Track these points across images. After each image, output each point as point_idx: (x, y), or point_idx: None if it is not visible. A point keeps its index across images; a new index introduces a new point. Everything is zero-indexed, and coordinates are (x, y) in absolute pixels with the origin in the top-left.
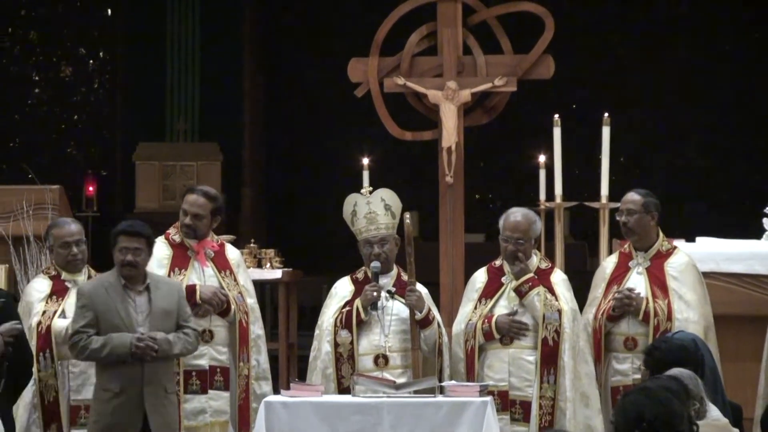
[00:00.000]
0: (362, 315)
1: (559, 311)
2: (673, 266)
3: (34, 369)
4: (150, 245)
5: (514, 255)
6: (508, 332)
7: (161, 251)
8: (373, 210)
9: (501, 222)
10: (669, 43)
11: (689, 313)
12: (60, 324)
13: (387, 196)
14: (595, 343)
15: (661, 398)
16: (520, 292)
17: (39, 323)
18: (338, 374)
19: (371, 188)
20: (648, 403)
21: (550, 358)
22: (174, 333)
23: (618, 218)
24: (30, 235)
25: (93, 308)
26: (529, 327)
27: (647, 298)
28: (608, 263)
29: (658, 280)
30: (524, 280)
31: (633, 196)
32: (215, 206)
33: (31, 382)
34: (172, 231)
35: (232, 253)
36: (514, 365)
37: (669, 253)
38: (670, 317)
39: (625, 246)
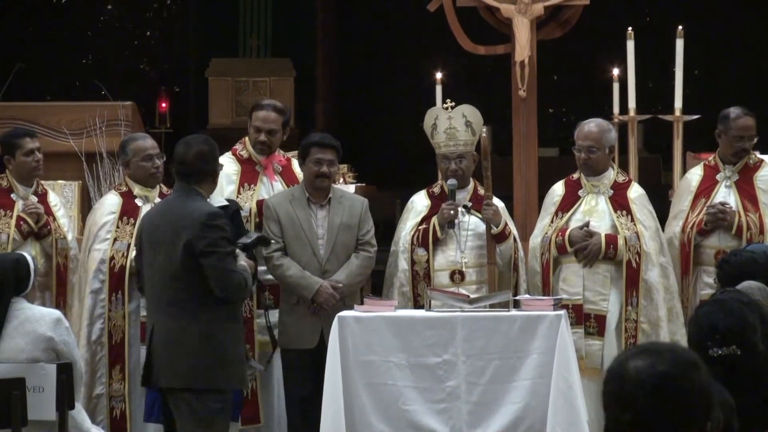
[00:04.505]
0: (438, 233)
1: (637, 233)
2: (762, 179)
3: (105, 307)
4: (339, 157)
5: (585, 164)
6: (579, 245)
7: (230, 167)
8: (454, 126)
9: (575, 133)
10: None
11: None
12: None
13: (469, 112)
14: (683, 256)
15: (734, 310)
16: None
17: (112, 259)
18: (414, 292)
19: (453, 103)
20: (721, 314)
21: (633, 280)
22: (357, 263)
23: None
24: (103, 152)
25: (278, 220)
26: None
27: (739, 212)
28: (693, 176)
29: (747, 193)
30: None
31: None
32: (285, 119)
33: (101, 320)
34: (239, 147)
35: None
36: (588, 279)
37: (756, 166)
38: (762, 230)
39: (710, 159)
